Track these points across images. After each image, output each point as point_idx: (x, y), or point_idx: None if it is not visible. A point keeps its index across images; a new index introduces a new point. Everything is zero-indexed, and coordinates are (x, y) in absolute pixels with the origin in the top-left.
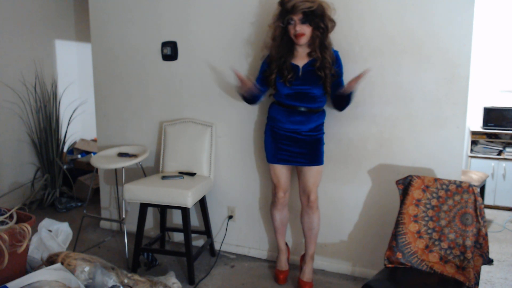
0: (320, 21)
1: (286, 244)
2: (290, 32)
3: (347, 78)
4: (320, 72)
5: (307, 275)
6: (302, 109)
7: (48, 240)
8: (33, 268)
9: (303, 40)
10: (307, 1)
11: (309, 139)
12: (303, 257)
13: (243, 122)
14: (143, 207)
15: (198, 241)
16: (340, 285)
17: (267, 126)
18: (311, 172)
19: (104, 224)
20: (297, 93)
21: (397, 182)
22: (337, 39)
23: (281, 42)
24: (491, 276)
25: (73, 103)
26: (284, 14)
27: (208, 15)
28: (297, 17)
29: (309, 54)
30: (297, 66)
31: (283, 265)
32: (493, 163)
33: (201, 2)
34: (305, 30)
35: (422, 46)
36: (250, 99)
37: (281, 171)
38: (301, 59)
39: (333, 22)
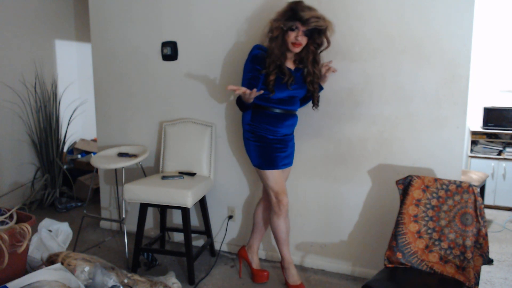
0: (318, 38)
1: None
2: (288, 36)
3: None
4: (310, 86)
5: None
6: (294, 112)
7: (48, 240)
8: (33, 268)
9: (299, 49)
10: (322, 19)
11: (291, 140)
12: (250, 249)
13: None
14: (143, 207)
15: (198, 241)
16: (340, 285)
17: (249, 134)
18: (288, 172)
19: (104, 224)
20: (290, 97)
21: (397, 182)
22: (337, 39)
23: (281, 42)
24: (491, 276)
25: (73, 103)
26: (292, 18)
27: (208, 15)
28: (302, 28)
29: (296, 61)
30: (290, 69)
31: (296, 278)
32: (493, 163)
33: (201, 2)
34: (303, 42)
35: (422, 46)
36: (248, 105)
37: (281, 175)
38: (290, 63)
39: (328, 43)
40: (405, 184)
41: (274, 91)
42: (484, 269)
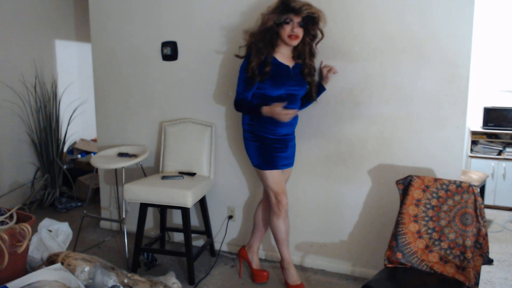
0: (313, 29)
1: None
2: (284, 30)
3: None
4: (309, 78)
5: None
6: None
7: (48, 240)
8: (33, 268)
9: (296, 42)
10: (313, 7)
11: (292, 140)
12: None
13: None
14: (143, 207)
15: (198, 241)
16: (340, 285)
17: (248, 134)
18: (289, 172)
19: (104, 224)
20: (289, 94)
21: (397, 182)
22: (337, 39)
23: (265, 35)
24: (491, 276)
25: (73, 103)
26: (284, 11)
27: (208, 15)
28: (296, 19)
29: (294, 57)
30: (287, 66)
31: (296, 278)
32: (493, 163)
33: (201, 2)
34: (300, 34)
35: (422, 46)
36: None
37: (280, 176)
38: (287, 60)
39: (322, 35)
40: (405, 184)
41: (262, 90)
42: (484, 269)
